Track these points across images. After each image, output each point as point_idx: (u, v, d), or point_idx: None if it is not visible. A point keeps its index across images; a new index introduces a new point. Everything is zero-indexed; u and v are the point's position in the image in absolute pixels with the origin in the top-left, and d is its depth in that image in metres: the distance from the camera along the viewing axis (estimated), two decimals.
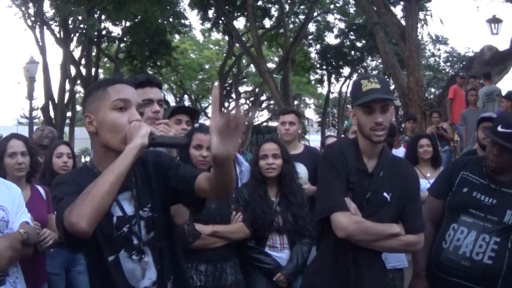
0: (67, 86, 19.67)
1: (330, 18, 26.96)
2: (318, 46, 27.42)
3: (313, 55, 27.97)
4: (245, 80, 33.84)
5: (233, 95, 30.31)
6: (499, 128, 2.34)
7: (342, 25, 26.61)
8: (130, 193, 1.68)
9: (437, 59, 31.35)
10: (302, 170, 3.53)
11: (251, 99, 32.14)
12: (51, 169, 3.56)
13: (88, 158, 14.72)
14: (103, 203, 1.45)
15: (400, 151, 5.89)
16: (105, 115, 1.63)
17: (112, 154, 1.62)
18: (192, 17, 27.65)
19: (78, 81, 21.23)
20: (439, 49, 31.06)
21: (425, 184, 3.79)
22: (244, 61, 29.02)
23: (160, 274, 1.70)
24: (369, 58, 28.77)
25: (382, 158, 2.23)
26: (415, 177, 2.32)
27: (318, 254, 2.38)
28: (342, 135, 5.48)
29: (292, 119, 3.89)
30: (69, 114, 20.56)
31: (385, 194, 2.18)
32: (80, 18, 16.16)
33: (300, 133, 4.10)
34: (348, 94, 32.83)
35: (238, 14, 21.99)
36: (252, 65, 26.44)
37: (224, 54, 27.71)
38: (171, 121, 3.17)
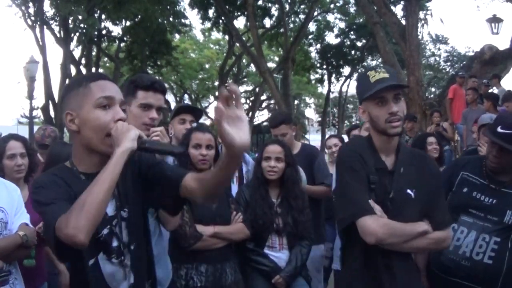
0: None
1: (330, 17, 26.99)
2: (318, 46, 27.40)
3: (313, 54, 27.96)
4: (245, 79, 33.85)
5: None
6: (499, 129, 2.33)
7: (342, 25, 26.62)
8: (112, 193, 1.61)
9: (437, 58, 31.38)
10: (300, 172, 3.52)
11: (251, 98, 32.14)
12: None
13: None
14: (99, 213, 1.42)
15: None
16: (88, 113, 1.56)
17: (94, 153, 1.59)
18: (192, 16, 27.80)
19: None
20: (439, 49, 31.10)
21: None
22: (244, 60, 29.04)
23: (137, 277, 1.65)
24: (369, 57, 28.74)
25: (400, 153, 2.10)
26: (438, 170, 2.18)
27: (346, 265, 2.21)
28: (343, 135, 5.42)
29: (284, 131, 3.81)
30: None
31: (408, 191, 2.05)
32: (80, 17, 16.17)
33: (295, 134, 4.06)
34: (349, 94, 32.91)
35: (238, 13, 21.97)
36: (252, 65, 26.41)
37: (224, 54, 27.71)
38: (175, 120, 3.17)
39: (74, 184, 1.56)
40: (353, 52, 26.84)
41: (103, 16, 19.62)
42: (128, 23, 20.88)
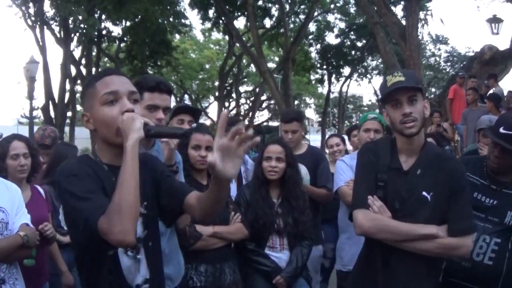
0: (68, 86, 19.66)
1: (330, 17, 26.98)
2: (318, 46, 27.39)
3: (313, 54, 27.95)
4: (245, 79, 33.85)
5: (234, 95, 30.34)
6: (501, 130, 2.32)
7: (342, 25, 26.60)
8: None
9: (437, 58, 31.37)
10: (303, 171, 3.52)
11: (251, 98, 32.17)
12: None
13: None
14: (136, 210, 1.50)
15: None
16: (98, 112, 1.62)
17: (113, 146, 1.65)
18: (193, 16, 27.82)
19: (79, 81, 21.21)
20: (439, 49, 31.10)
21: None
22: (244, 61, 29.03)
23: (153, 272, 1.71)
24: (370, 57, 28.74)
25: (422, 155, 2.14)
26: (461, 175, 2.15)
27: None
28: (344, 135, 5.43)
29: (295, 128, 3.83)
30: (69, 114, 20.53)
31: (424, 193, 2.07)
32: (80, 17, 16.16)
33: (302, 134, 4.08)
34: (349, 94, 32.88)
35: (239, 13, 21.97)
36: (252, 65, 26.40)
37: (225, 54, 27.71)
38: (174, 120, 3.16)
39: (99, 173, 1.63)
40: (353, 52, 26.83)
41: (103, 16, 19.60)
42: (128, 23, 20.87)
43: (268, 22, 24.20)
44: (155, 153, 2.24)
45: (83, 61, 21.02)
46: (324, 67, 27.93)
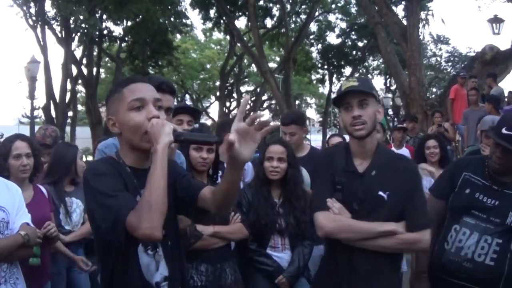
0: (69, 86, 19.65)
1: (331, 17, 26.96)
2: (319, 46, 27.39)
3: (314, 54, 27.95)
4: (246, 79, 33.85)
5: (235, 95, 30.35)
6: (503, 130, 2.31)
7: (343, 25, 26.60)
8: None
9: (438, 59, 31.40)
10: (304, 174, 3.51)
11: (252, 98, 32.16)
12: (76, 170, 3.68)
13: (90, 158, 14.77)
14: (165, 208, 1.57)
15: (403, 152, 5.88)
16: (124, 117, 1.70)
17: (136, 150, 1.73)
18: (194, 16, 28.22)
19: (80, 81, 21.25)
20: (440, 49, 31.15)
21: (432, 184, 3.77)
22: (245, 60, 29.03)
23: (171, 271, 1.77)
24: (371, 57, 28.74)
25: (376, 157, 2.23)
26: (415, 173, 2.28)
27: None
28: (345, 135, 5.46)
29: (292, 130, 3.82)
30: (70, 113, 20.56)
31: (380, 193, 2.16)
32: (81, 17, 16.18)
33: (304, 136, 4.07)
34: None
35: (240, 13, 21.97)
36: (253, 65, 26.40)
37: (226, 54, 27.72)
38: (173, 121, 3.16)
39: (122, 174, 1.71)
40: (354, 52, 26.82)
41: (104, 16, 19.60)
42: (129, 23, 20.87)
43: (269, 22, 24.24)
44: None
45: (84, 61, 21.01)
46: (325, 67, 27.92)
